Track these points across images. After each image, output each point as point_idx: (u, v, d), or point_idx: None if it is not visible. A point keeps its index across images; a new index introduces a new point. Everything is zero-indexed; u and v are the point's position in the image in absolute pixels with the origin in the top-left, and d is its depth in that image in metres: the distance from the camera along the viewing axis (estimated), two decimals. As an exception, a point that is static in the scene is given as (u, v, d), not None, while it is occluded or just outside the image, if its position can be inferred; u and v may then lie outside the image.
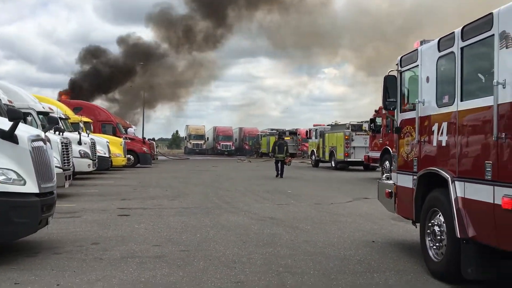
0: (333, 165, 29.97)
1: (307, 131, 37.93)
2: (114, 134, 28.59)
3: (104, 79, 54.11)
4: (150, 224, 9.46)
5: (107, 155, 23.16)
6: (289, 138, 50.23)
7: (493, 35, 4.92)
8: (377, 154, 22.15)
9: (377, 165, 22.70)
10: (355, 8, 72.52)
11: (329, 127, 33.16)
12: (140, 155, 30.41)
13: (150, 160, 31.75)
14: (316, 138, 34.31)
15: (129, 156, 28.76)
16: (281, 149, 23.01)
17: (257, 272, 6.09)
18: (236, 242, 7.93)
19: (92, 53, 55.81)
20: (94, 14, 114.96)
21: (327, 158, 31.22)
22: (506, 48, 4.70)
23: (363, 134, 27.52)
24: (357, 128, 28.42)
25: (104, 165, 22.32)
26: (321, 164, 33.06)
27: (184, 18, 57.41)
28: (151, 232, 8.65)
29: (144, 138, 35.67)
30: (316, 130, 35.10)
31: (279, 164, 22.95)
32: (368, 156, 23.99)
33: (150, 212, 11.17)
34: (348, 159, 28.28)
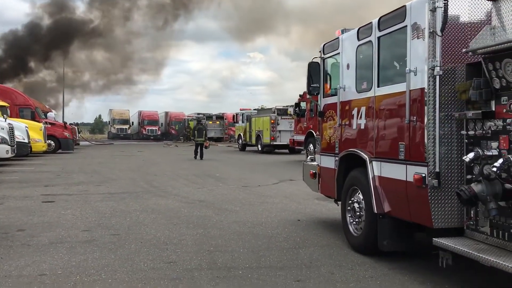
0: (260, 148, 30.53)
1: (234, 115, 38.20)
2: (33, 119, 27.29)
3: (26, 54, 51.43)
4: (77, 210, 9.33)
5: (26, 140, 22.19)
6: (217, 122, 50.49)
7: (406, 26, 5.34)
8: (301, 138, 22.88)
9: (302, 148, 23.46)
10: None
11: (256, 111, 33.63)
12: (62, 141, 29.28)
13: (72, 146, 30.67)
14: (243, 122, 34.70)
15: (49, 141, 27.62)
16: (200, 134, 24.66)
17: (189, 252, 6.28)
18: (166, 224, 8.05)
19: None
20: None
21: (253, 142, 31.71)
22: (417, 38, 5.13)
23: (288, 118, 28.21)
24: (282, 112, 29.06)
25: (23, 151, 21.41)
26: (248, 148, 33.52)
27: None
28: (79, 218, 8.56)
29: (65, 123, 34.32)
30: (243, 114, 35.48)
31: (199, 148, 24.48)
32: (293, 139, 24.70)
33: (76, 198, 10.97)
34: (274, 143, 28.91)
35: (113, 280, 5.17)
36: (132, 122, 65.89)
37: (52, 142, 28.22)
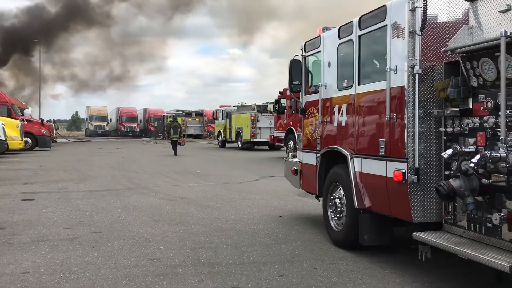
0: (240, 145, 30.57)
1: (213, 112, 38.14)
2: (9, 116, 26.87)
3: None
4: (58, 208, 9.26)
5: (2, 138, 21.89)
6: (196, 119, 50.33)
7: (386, 25, 5.45)
8: (281, 134, 22.97)
9: (282, 144, 23.58)
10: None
11: (236, 108, 33.63)
12: (39, 138, 28.90)
13: (49, 143, 30.31)
14: (223, 119, 34.68)
15: (26, 139, 27.26)
16: (175, 131, 25.28)
17: (172, 249, 6.31)
18: (148, 222, 8.05)
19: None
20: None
21: (233, 138, 31.73)
22: (397, 37, 5.24)
23: (268, 115, 28.32)
24: (262, 109, 29.14)
25: (-1, 148, 21.09)
26: (228, 145, 33.54)
27: None
28: (60, 216, 8.50)
29: (42, 120, 33.81)
30: (222, 111, 35.45)
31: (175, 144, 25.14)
32: (273, 136, 24.80)
33: (56, 195, 10.87)
34: (254, 139, 28.97)
35: (97, 277, 5.17)
36: (110, 119, 65.24)
37: (29, 139, 27.86)
